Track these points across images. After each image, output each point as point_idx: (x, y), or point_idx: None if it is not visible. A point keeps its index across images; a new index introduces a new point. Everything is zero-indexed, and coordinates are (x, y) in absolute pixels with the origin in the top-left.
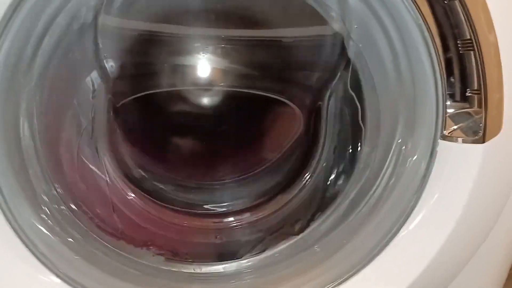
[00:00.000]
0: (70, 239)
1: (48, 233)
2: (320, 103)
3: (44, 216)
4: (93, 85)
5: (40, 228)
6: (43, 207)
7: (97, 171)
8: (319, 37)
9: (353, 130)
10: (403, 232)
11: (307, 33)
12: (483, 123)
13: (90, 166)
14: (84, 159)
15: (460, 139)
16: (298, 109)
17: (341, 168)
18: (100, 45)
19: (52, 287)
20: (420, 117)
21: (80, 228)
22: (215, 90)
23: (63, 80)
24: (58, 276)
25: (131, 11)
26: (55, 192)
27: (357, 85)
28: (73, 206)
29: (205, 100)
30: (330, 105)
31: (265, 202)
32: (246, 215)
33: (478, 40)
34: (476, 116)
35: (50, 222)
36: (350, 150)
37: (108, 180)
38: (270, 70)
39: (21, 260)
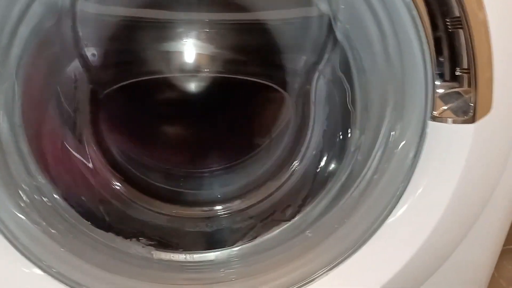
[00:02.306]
0: (55, 231)
1: (31, 225)
2: (308, 86)
3: (26, 208)
4: (74, 75)
5: (22, 220)
6: (25, 199)
7: (83, 162)
8: (305, 18)
9: (342, 114)
10: (395, 215)
11: (293, 15)
12: (473, 102)
13: (75, 157)
14: (68, 150)
15: (450, 120)
16: (286, 94)
17: (331, 153)
18: (80, 33)
19: (34, 279)
20: (409, 98)
21: (66, 221)
22: (201, 77)
23: (43, 70)
24: (41, 268)
25: None
26: (38, 184)
27: (345, 67)
28: (59, 199)
29: (191, 87)
30: (319, 89)
31: (255, 189)
32: (236, 202)
33: (467, 18)
34: (466, 96)
35: (33, 214)
36: (340, 134)
37: (94, 171)
38: (256, 54)
39: (1, 252)
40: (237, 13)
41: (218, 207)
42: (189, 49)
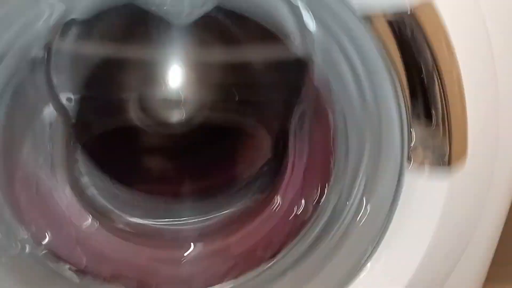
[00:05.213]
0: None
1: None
2: (288, 125)
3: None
4: (50, 121)
5: None
6: None
7: (58, 204)
8: (282, 59)
9: (322, 155)
10: (373, 260)
11: (270, 55)
12: (447, 151)
13: (51, 200)
14: (43, 193)
15: (426, 165)
16: (265, 132)
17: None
18: (54, 80)
19: None
20: (386, 142)
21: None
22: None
23: (17, 117)
24: None
25: (87, 38)
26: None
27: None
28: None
29: (170, 127)
30: (299, 128)
31: (235, 228)
32: (217, 241)
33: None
34: (441, 140)
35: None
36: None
37: (70, 212)
38: (235, 94)
39: None
40: (217, 50)
41: (198, 246)
42: (171, 89)
